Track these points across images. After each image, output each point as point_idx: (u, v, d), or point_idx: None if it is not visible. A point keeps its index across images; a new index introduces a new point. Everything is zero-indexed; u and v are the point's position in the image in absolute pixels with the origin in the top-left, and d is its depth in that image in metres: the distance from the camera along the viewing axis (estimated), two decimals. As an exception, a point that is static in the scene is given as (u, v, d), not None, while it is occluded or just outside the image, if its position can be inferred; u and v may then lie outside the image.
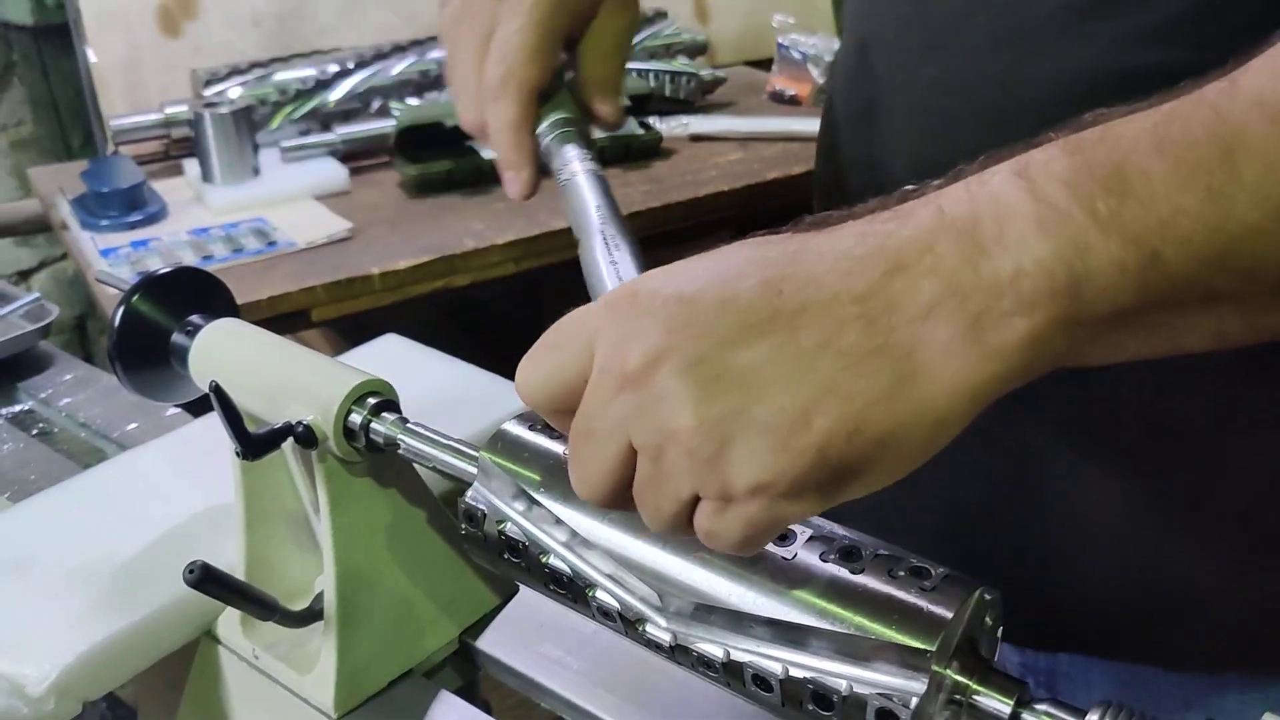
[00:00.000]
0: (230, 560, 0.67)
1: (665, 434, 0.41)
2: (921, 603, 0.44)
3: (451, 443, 0.59)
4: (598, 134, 0.65)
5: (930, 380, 0.39)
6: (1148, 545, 0.60)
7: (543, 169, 0.62)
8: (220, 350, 0.67)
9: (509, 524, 0.54)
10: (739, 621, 0.47)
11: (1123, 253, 0.37)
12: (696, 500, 0.42)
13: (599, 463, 0.43)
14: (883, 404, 0.39)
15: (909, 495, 0.67)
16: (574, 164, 0.60)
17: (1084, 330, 0.39)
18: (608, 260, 0.56)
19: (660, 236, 1.56)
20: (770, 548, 0.47)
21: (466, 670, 0.69)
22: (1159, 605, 0.61)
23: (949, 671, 0.43)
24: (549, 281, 1.48)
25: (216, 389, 0.58)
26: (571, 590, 0.53)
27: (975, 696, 0.44)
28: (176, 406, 0.93)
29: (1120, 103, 0.40)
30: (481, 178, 1.59)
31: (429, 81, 1.77)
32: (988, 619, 0.46)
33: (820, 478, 0.40)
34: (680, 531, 0.43)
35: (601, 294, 0.54)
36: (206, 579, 0.56)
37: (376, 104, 1.74)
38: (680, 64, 1.92)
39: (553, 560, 0.53)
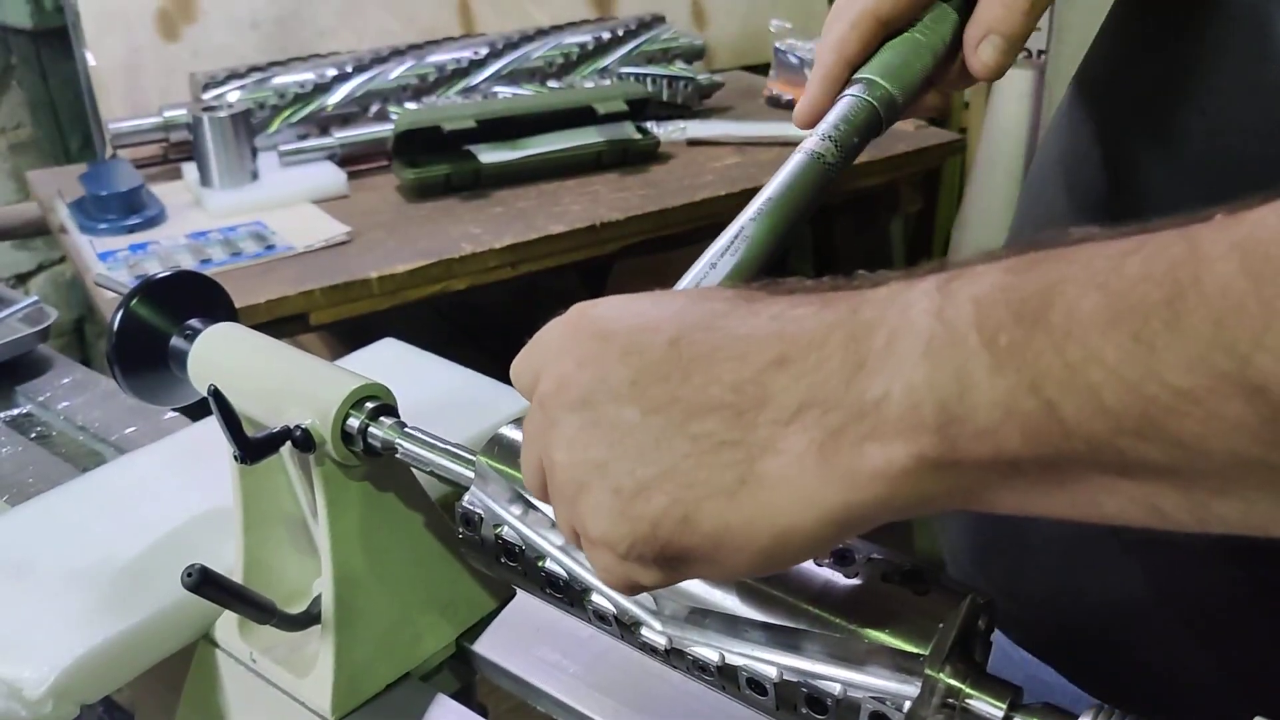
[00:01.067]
0: (228, 563, 0.67)
1: (549, 461, 0.42)
2: (915, 607, 0.44)
3: (449, 447, 0.59)
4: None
5: (774, 489, 0.36)
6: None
7: None
8: (219, 354, 0.67)
9: (505, 528, 0.55)
10: (733, 625, 0.47)
11: (1010, 396, 0.32)
12: None
13: (528, 463, 0.45)
14: (719, 500, 0.37)
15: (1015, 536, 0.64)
16: (812, 136, 0.52)
17: (966, 474, 0.34)
18: (710, 262, 0.50)
19: (657, 241, 1.56)
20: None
21: (463, 673, 0.69)
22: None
23: (942, 675, 0.44)
24: (546, 285, 1.48)
25: (215, 393, 0.58)
26: (568, 594, 0.53)
27: (968, 700, 0.44)
28: (175, 410, 0.93)
29: None
30: (479, 181, 1.59)
31: (427, 86, 1.78)
32: (981, 623, 0.46)
33: (655, 552, 0.39)
34: (579, 547, 0.44)
35: (678, 286, 0.50)
36: (205, 582, 0.56)
37: (375, 108, 1.74)
38: (678, 69, 1.92)
39: (549, 564, 0.53)
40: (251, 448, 0.59)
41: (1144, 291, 0.30)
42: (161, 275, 0.70)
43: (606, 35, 1.93)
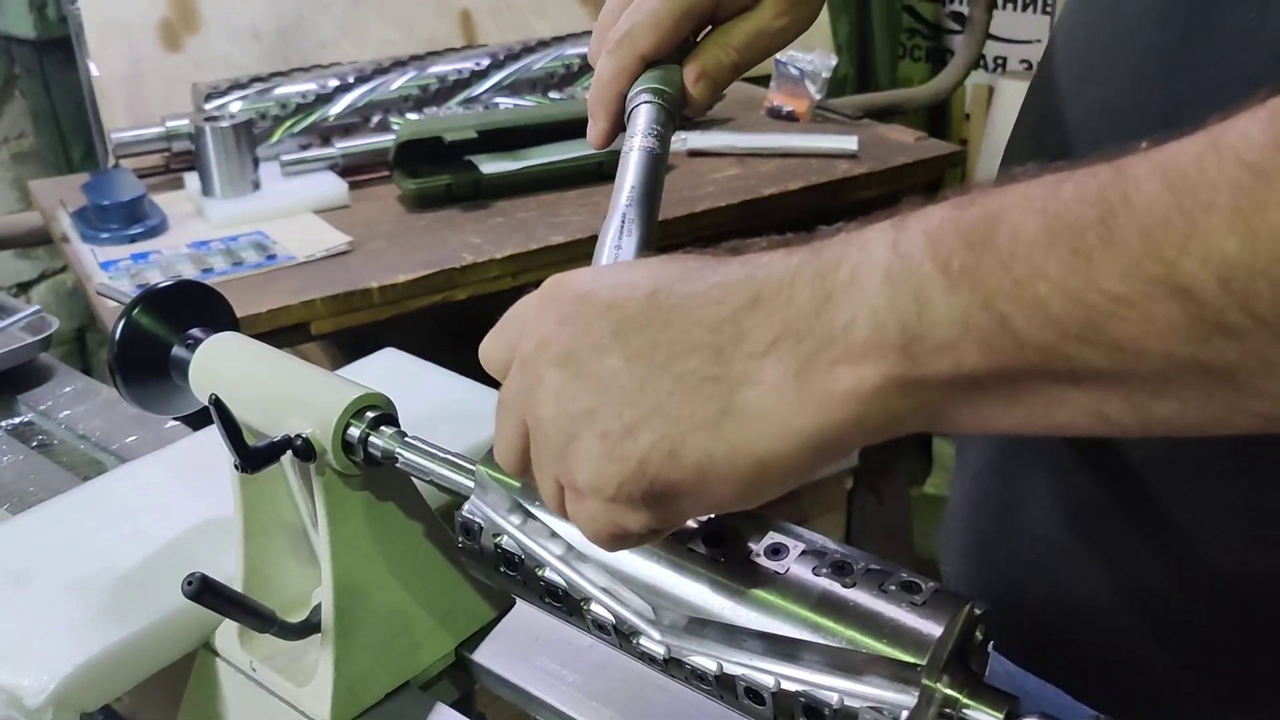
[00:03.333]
0: (228, 572, 0.67)
1: (535, 419, 0.44)
2: (912, 617, 0.44)
3: (449, 456, 0.60)
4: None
5: (753, 417, 0.39)
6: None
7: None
8: (220, 364, 0.67)
9: (505, 537, 0.55)
10: (732, 635, 0.47)
11: (966, 312, 0.35)
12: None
13: (506, 433, 0.47)
14: (703, 431, 0.40)
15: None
16: (635, 138, 0.59)
17: (929, 392, 0.37)
18: (614, 245, 0.56)
19: (657, 251, 1.56)
20: (763, 561, 0.47)
21: (463, 683, 0.69)
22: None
23: (939, 685, 0.44)
24: (547, 296, 1.48)
25: (216, 402, 0.58)
26: (566, 603, 0.53)
27: (965, 710, 0.44)
28: (176, 419, 0.94)
29: None
30: (480, 192, 1.59)
31: (428, 96, 1.78)
32: (978, 633, 0.46)
33: (644, 490, 0.41)
34: (562, 510, 0.46)
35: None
36: (205, 591, 0.56)
37: (376, 118, 1.75)
38: (679, 80, 1.93)
39: (548, 574, 0.53)
40: (252, 457, 0.59)
41: (1079, 211, 0.33)
42: (163, 285, 0.71)
43: (607, 46, 1.94)
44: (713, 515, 0.50)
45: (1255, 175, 0.30)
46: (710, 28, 0.62)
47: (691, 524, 0.50)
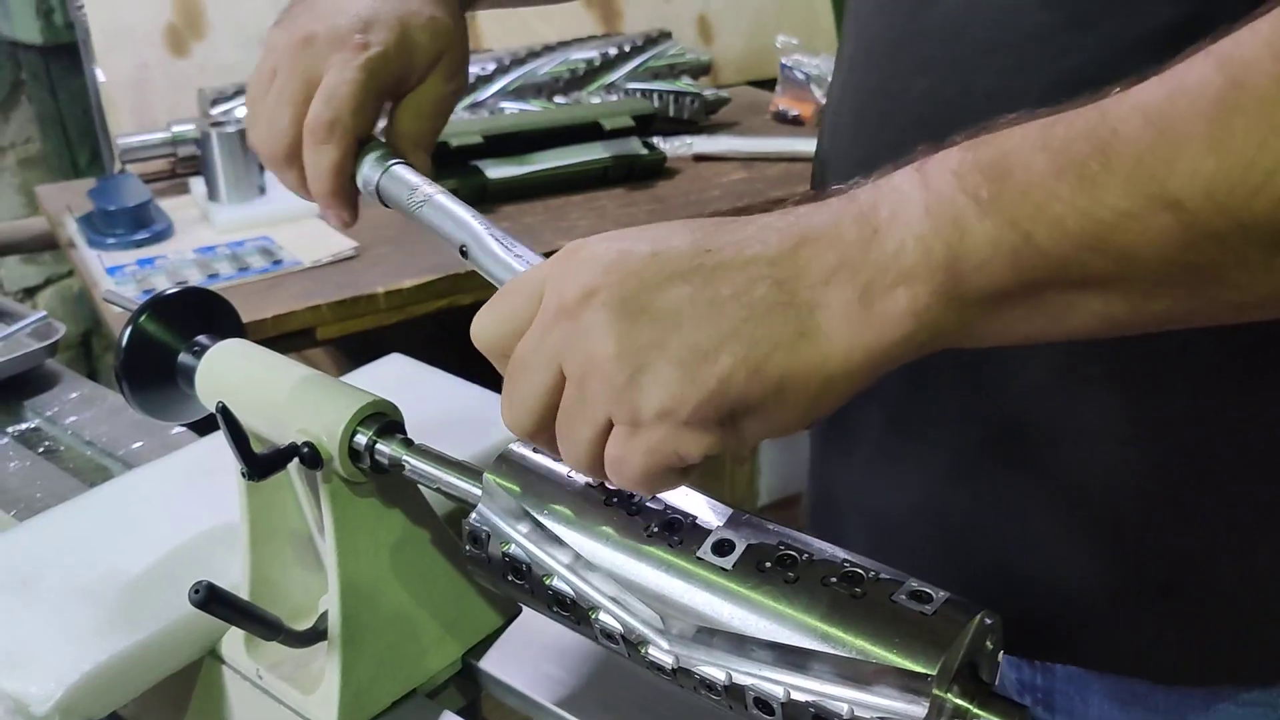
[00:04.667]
0: (235, 579, 0.67)
1: (590, 360, 0.45)
2: (922, 627, 0.44)
3: (456, 464, 0.59)
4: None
5: (826, 338, 0.43)
6: (1136, 541, 0.61)
7: (383, 202, 0.67)
8: (226, 370, 0.67)
9: (513, 546, 0.55)
10: (741, 644, 0.47)
11: (998, 233, 0.41)
12: (610, 429, 0.46)
13: (531, 389, 0.48)
14: (783, 350, 0.43)
15: (909, 510, 0.67)
16: (424, 186, 0.63)
17: (969, 307, 0.42)
18: (512, 254, 0.58)
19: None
20: (772, 570, 0.47)
21: (469, 690, 0.69)
22: (1150, 615, 0.62)
23: (950, 695, 0.44)
24: (553, 300, 1.48)
25: (223, 410, 0.58)
26: (574, 613, 0.53)
27: (976, 720, 0.44)
28: (182, 425, 0.94)
29: None
30: (486, 197, 1.59)
31: (434, 101, 1.78)
32: (988, 643, 0.46)
33: (720, 408, 0.44)
34: (594, 462, 0.47)
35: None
36: (211, 599, 0.56)
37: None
38: (684, 84, 1.93)
39: (556, 582, 0.53)
40: (259, 464, 0.59)
41: (1077, 148, 0.40)
42: (170, 292, 0.70)
43: (613, 51, 1.94)
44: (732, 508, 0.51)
45: (1231, 84, 0.37)
46: (392, 104, 0.67)
47: (702, 530, 0.50)
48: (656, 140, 1.74)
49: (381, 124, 0.68)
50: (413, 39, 0.64)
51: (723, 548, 0.49)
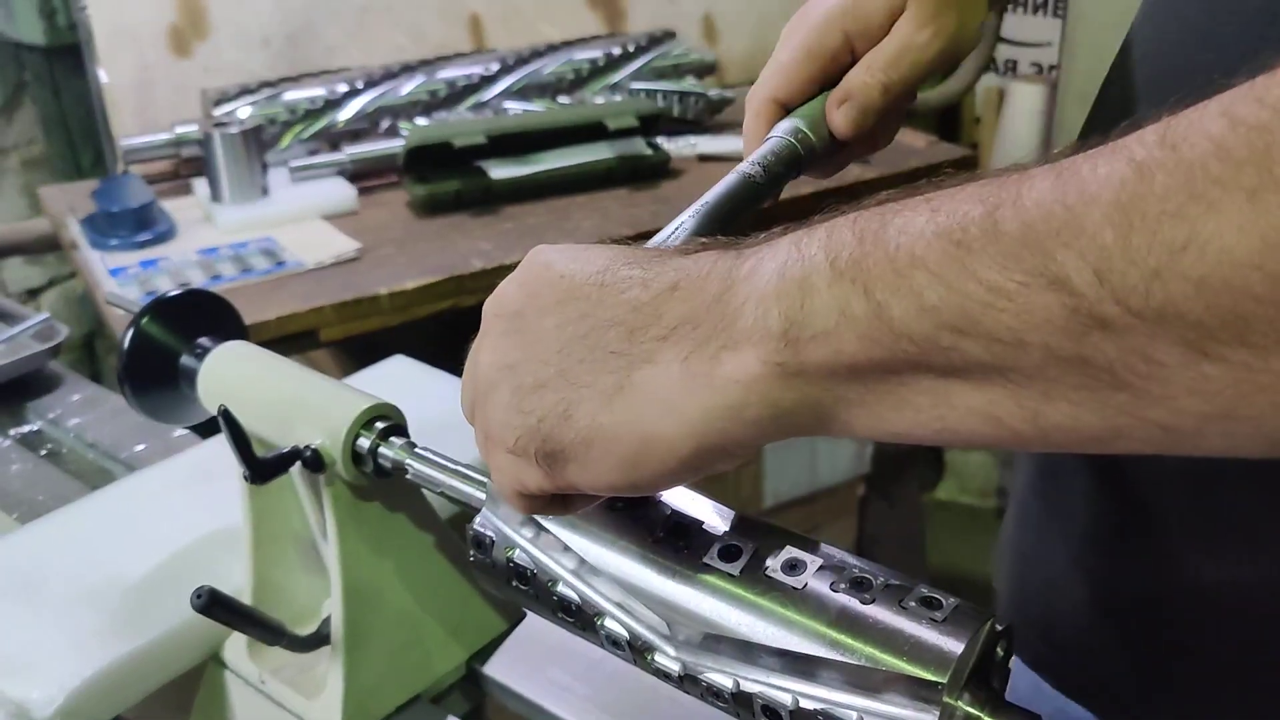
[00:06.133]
0: (237, 583, 0.66)
1: (474, 365, 0.47)
2: (932, 634, 0.43)
3: (460, 468, 0.59)
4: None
5: (643, 395, 0.41)
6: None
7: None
8: (229, 373, 0.67)
9: (517, 551, 0.54)
10: (748, 651, 0.46)
11: (845, 300, 0.35)
12: None
13: (465, 379, 0.49)
14: (597, 400, 0.42)
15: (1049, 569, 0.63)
16: (745, 164, 0.60)
17: (811, 384, 0.37)
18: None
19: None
20: (780, 577, 0.47)
21: (473, 695, 0.69)
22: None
23: (960, 703, 0.43)
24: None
25: (225, 413, 0.58)
26: (580, 618, 0.52)
27: (987, 728, 0.43)
28: (184, 428, 0.93)
29: None
30: (490, 197, 1.59)
31: (438, 101, 1.78)
32: (999, 650, 0.45)
33: (536, 447, 0.43)
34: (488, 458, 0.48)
35: None
36: (214, 604, 0.56)
37: (385, 124, 1.74)
38: (689, 84, 1.92)
39: (561, 588, 0.52)
40: (261, 468, 0.59)
41: (969, 208, 0.33)
42: (172, 294, 0.70)
43: (617, 51, 1.93)
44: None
45: (1138, 170, 0.30)
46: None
47: (708, 535, 0.49)
48: (661, 140, 1.74)
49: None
50: None
51: (730, 553, 0.48)
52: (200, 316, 0.71)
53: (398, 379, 0.90)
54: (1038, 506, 0.66)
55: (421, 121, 1.74)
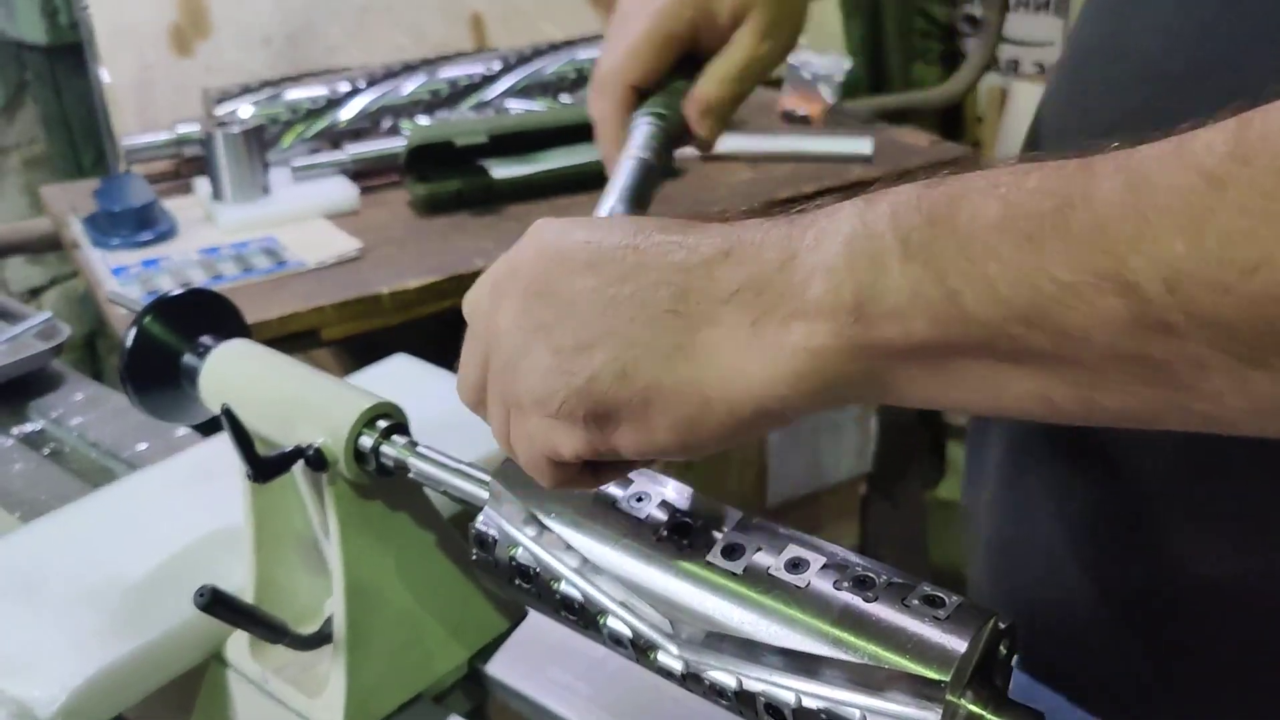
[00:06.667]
0: (239, 582, 0.66)
1: (492, 334, 0.46)
2: (935, 632, 0.43)
3: (462, 467, 0.59)
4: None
5: (707, 357, 0.40)
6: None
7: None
8: (231, 372, 0.67)
9: (520, 549, 0.54)
10: (751, 650, 0.46)
11: (919, 282, 0.36)
12: None
13: (467, 360, 0.48)
14: (657, 359, 0.41)
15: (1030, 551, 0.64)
16: (631, 149, 0.62)
17: (877, 359, 0.38)
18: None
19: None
20: (783, 575, 0.47)
21: (475, 694, 0.69)
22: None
23: (963, 702, 0.43)
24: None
25: (228, 412, 0.58)
26: (582, 616, 0.52)
27: (990, 727, 0.43)
28: (187, 427, 0.93)
29: None
30: (491, 197, 1.59)
31: (440, 101, 1.78)
32: (1002, 648, 0.45)
33: (587, 408, 0.43)
34: (506, 444, 0.47)
35: None
36: (216, 603, 0.56)
37: (387, 123, 1.74)
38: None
39: (564, 586, 0.52)
40: (264, 467, 0.59)
41: (1038, 201, 0.34)
42: (174, 293, 0.70)
43: (618, 50, 1.94)
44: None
45: (1209, 182, 0.31)
46: (698, 68, 0.64)
47: (711, 534, 0.49)
48: (662, 140, 1.74)
49: None
50: None
51: (733, 552, 0.48)
52: (202, 315, 0.71)
53: (399, 378, 0.90)
54: (1011, 496, 0.65)
55: (423, 121, 1.74)
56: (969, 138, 2.53)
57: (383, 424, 0.61)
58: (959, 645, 0.43)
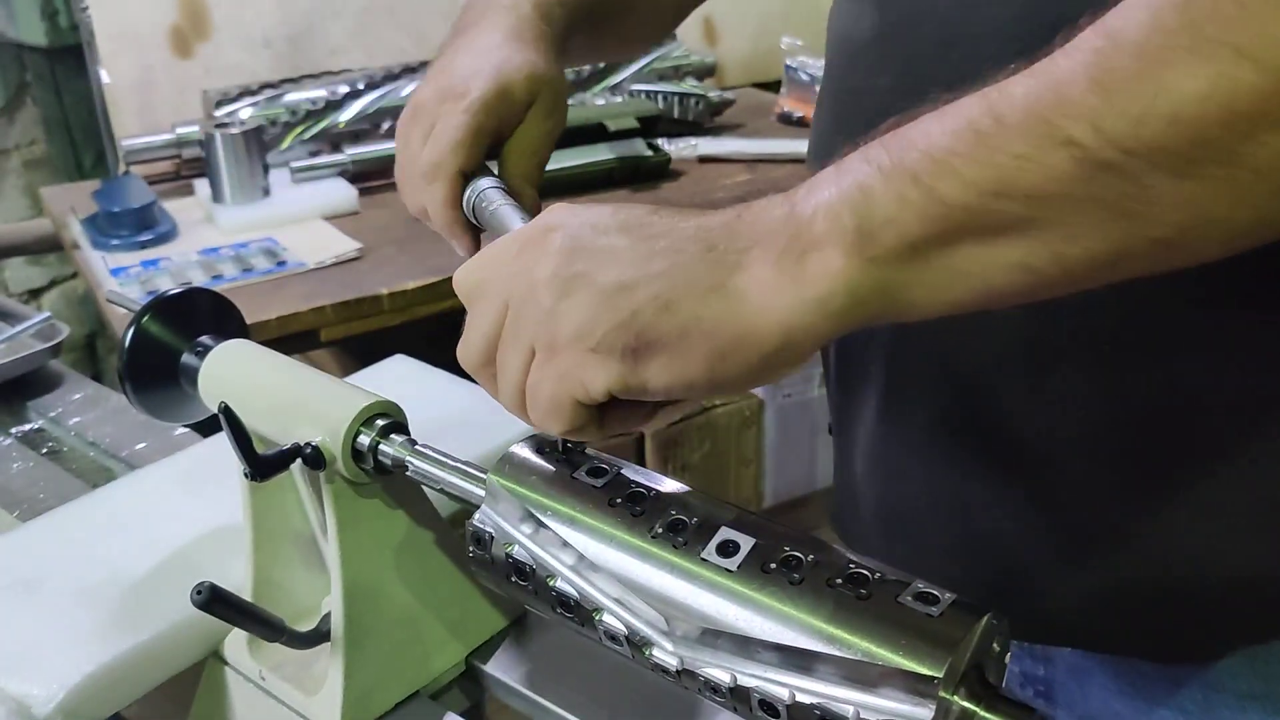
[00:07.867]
0: (238, 581, 0.67)
1: (528, 285, 0.50)
2: (929, 628, 0.43)
3: (459, 465, 0.59)
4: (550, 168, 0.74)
5: (741, 295, 0.46)
6: (1107, 513, 0.60)
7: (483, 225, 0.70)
8: (230, 371, 0.67)
9: (516, 547, 0.54)
10: (746, 646, 0.46)
11: (901, 190, 0.43)
12: (534, 357, 0.50)
13: (481, 318, 0.52)
14: (698, 294, 0.47)
15: (910, 496, 0.67)
16: (495, 199, 0.68)
17: (884, 266, 0.44)
18: None
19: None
20: (777, 572, 0.47)
21: (473, 692, 0.69)
22: (1136, 589, 0.61)
23: (956, 698, 0.43)
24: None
25: (226, 410, 0.58)
26: (578, 614, 0.53)
27: (983, 723, 0.44)
28: (185, 426, 0.93)
29: None
30: (490, 198, 1.59)
31: (439, 103, 1.78)
32: (995, 645, 0.45)
33: (627, 341, 0.47)
34: (518, 393, 0.51)
35: None
36: (214, 600, 0.56)
37: (386, 125, 1.75)
38: (689, 86, 1.93)
39: (559, 583, 0.53)
40: (262, 465, 0.59)
41: (968, 110, 0.43)
42: (173, 292, 0.70)
43: (617, 52, 1.94)
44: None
45: (1097, 54, 0.40)
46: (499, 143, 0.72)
47: (707, 531, 0.49)
48: (661, 142, 1.74)
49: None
50: (509, 84, 0.69)
51: (727, 549, 0.49)
52: (201, 315, 0.71)
53: (398, 378, 0.90)
54: (888, 431, 0.69)
55: (422, 122, 1.74)
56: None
57: (381, 422, 0.61)
58: (952, 641, 0.43)
